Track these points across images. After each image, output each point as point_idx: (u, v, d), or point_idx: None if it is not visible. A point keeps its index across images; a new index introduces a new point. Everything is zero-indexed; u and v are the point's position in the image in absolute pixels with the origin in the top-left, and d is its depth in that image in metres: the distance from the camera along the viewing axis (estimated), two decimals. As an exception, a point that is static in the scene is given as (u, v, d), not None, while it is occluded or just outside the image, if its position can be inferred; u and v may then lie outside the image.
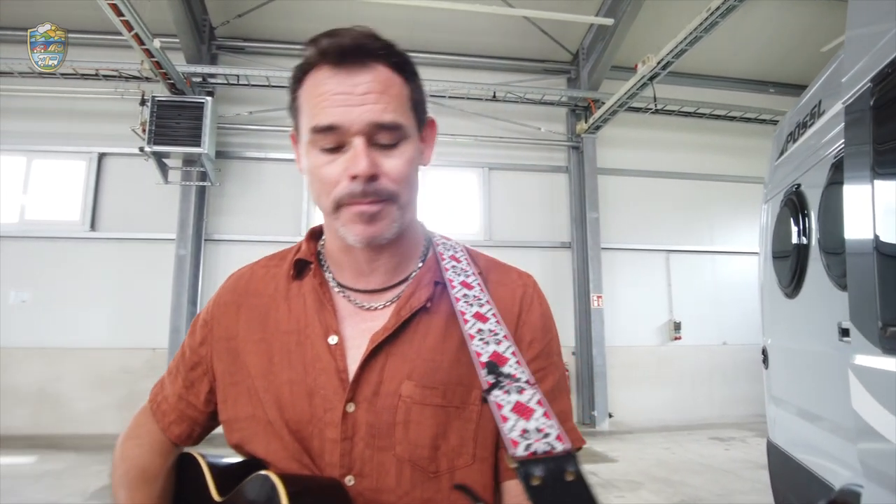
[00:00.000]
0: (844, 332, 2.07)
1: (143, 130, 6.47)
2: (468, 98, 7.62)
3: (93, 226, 7.06)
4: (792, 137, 2.80)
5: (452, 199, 7.91)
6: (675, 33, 5.65)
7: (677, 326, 7.85)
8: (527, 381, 0.67)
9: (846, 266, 1.86)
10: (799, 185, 2.65)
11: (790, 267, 2.67)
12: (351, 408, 0.75)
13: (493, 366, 0.69)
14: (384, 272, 0.84)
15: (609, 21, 6.68)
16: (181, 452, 0.91)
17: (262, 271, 0.92)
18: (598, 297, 7.53)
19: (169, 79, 6.45)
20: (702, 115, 7.96)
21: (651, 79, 6.24)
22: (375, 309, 0.82)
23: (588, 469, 4.33)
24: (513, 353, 0.71)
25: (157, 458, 0.89)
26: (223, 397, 0.85)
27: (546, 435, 0.61)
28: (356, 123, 0.73)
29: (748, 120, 7.92)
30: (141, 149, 6.47)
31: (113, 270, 6.96)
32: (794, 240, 2.63)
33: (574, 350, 7.72)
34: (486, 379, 0.67)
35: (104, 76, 6.86)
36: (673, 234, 8.13)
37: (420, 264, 0.87)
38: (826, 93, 2.39)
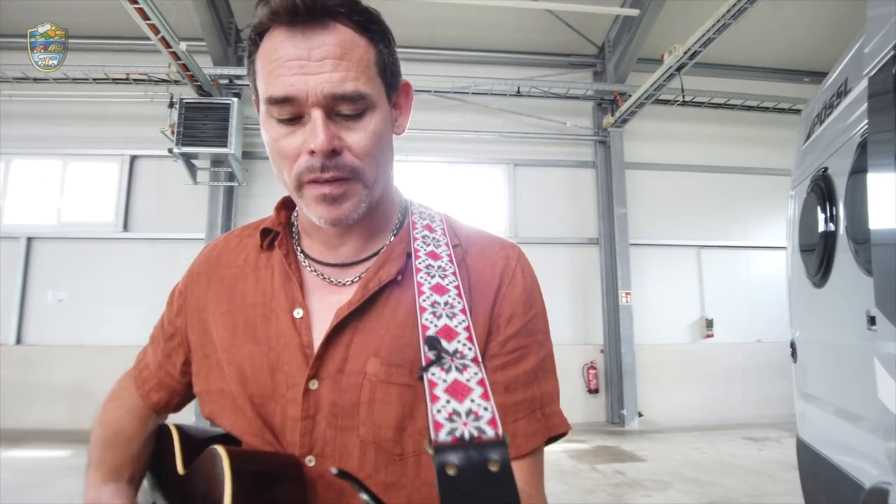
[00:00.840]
0: (872, 321, 1.96)
1: (172, 132, 6.60)
2: (492, 94, 7.57)
3: (125, 226, 7.24)
4: (819, 119, 2.68)
5: (478, 197, 7.86)
6: (702, 22, 5.50)
7: (709, 324, 7.65)
8: (473, 359, 0.59)
9: (871, 248, 1.76)
10: (826, 169, 2.53)
11: (818, 254, 2.55)
12: (314, 385, 0.72)
13: (436, 341, 0.60)
14: (354, 246, 0.80)
15: (635, 12, 6.55)
16: (162, 423, 0.90)
17: (235, 241, 0.89)
18: (627, 293, 7.39)
19: (196, 81, 6.57)
20: (733, 107, 7.74)
21: (678, 69, 6.08)
22: (344, 284, 0.78)
23: (615, 468, 4.24)
24: (466, 329, 0.63)
25: (135, 421, 0.87)
26: (197, 369, 0.83)
27: (477, 418, 0.53)
28: (313, 94, 0.67)
29: (782, 110, 7.67)
30: (170, 150, 6.60)
31: (145, 270, 7.11)
32: (822, 225, 2.51)
33: (602, 348, 7.59)
34: (427, 355, 0.59)
35: (134, 80, 7.02)
36: (704, 230, 7.92)
37: (392, 237, 0.81)
38: (852, 70, 2.27)
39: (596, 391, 7.47)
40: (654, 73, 6.38)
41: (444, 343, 0.60)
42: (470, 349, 0.60)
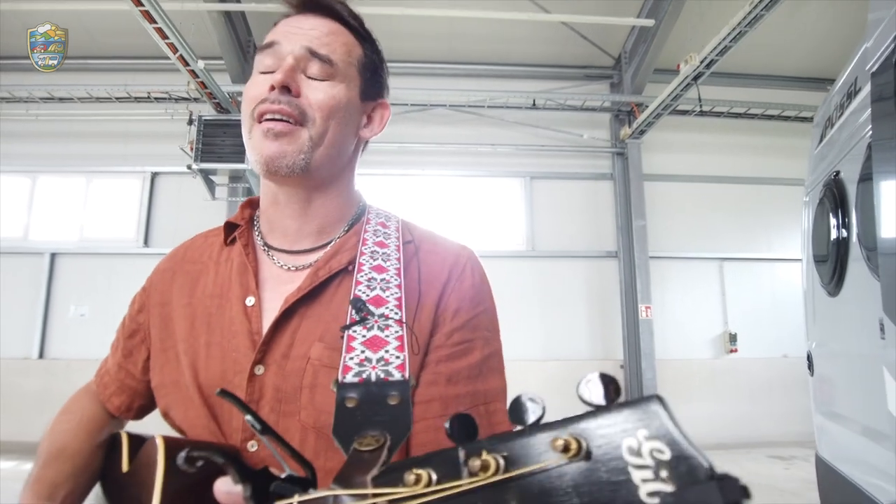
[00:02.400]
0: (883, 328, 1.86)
1: (191, 149, 6.71)
2: (508, 107, 7.56)
3: (146, 242, 7.35)
4: (830, 122, 2.59)
5: (494, 210, 7.82)
6: (718, 31, 5.42)
7: (733, 338, 7.44)
8: (397, 321, 0.62)
9: (879, 252, 1.67)
10: (838, 173, 2.43)
11: (831, 260, 2.46)
12: (259, 370, 0.72)
13: (362, 304, 0.64)
14: (310, 233, 0.82)
15: (650, 22, 6.49)
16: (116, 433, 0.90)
17: (202, 240, 0.92)
18: (647, 307, 7.24)
19: (214, 98, 6.68)
20: (753, 116, 7.59)
21: (695, 79, 5.99)
22: (298, 269, 0.80)
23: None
24: (397, 299, 0.66)
25: (82, 434, 0.85)
26: (154, 364, 0.83)
27: (387, 363, 0.55)
28: (293, 45, 0.76)
29: (804, 119, 7.49)
30: (189, 166, 6.71)
31: (164, 285, 7.18)
32: (834, 231, 2.42)
33: (622, 363, 7.43)
34: (352, 315, 0.63)
35: (156, 98, 7.18)
36: (726, 242, 7.75)
37: (347, 229, 0.83)
38: (860, 69, 2.19)
39: (616, 408, 7.30)
40: (670, 84, 6.30)
41: (371, 307, 0.64)
42: (396, 314, 0.64)
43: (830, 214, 2.46)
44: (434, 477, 0.30)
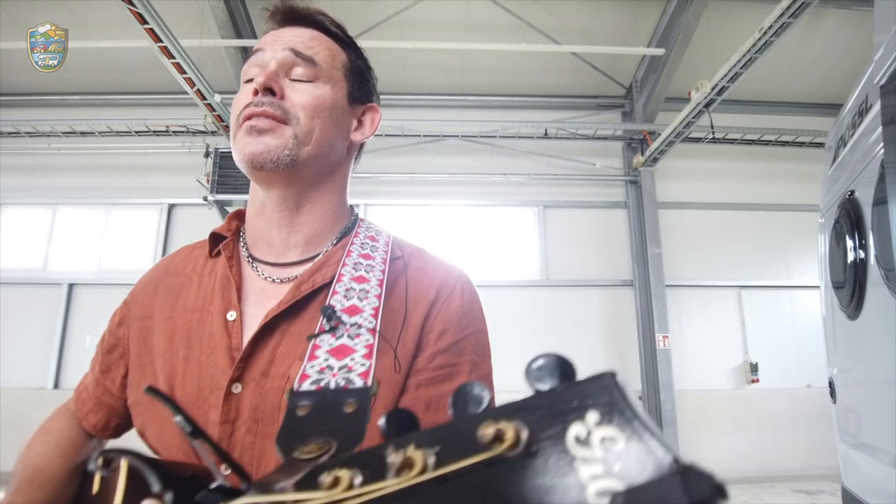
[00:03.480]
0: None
1: (208, 181, 6.81)
2: (519, 137, 7.59)
3: (162, 273, 7.40)
4: (843, 142, 2.55)
5: (507, 240, 7.79)
6: (728, 58, 5.43)
7: (754, 368, 7.26)
8: (370, 330, 0.57)
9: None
10: (852, 193, 2.39)
11: (849, 282, 2.39)
12: (237, 388, 0.68)
13: (332, 312, 0.59)
14: (297, 244, 0.79)
15: (660, 51, 6.53)
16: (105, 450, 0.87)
17: (186, 252, 0.89)
18: (665, 337, 7.11)
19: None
20: (767, 143, 7.54)
21: (707, 106, 5.98)
22: (283, 282, 0.76)
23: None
24: (374, 308, 0.61)
25: (58, 458, 0.82)
26: (131, 380, 0.80)
27: (349, 371, 0.51)
28: (275, 50, 0.77)
29: (819, 145, 7.43)
30: (204, 198, 6.80)
31: (179, 315, 7.22)
32: (851, 251, 2.36)
33: (640, 394, 7.27)
34: (321, 325, 0.58)
35: (174, 132, 7.32)
36: (744, 269, 7.63)
37: (335, 242, 0.80)
38: (870, 85, 2.17)
39: (635, 440, 7.11)
40: (682, 111, 6.30)
41: (344, 316, 0.59)
42: (371, 323, 0.59)
43: (847, 236, 2.40)
44: (358, 479, 0.26)
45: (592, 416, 0.24)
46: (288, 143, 0.73)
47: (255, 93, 0.74)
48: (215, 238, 0.85)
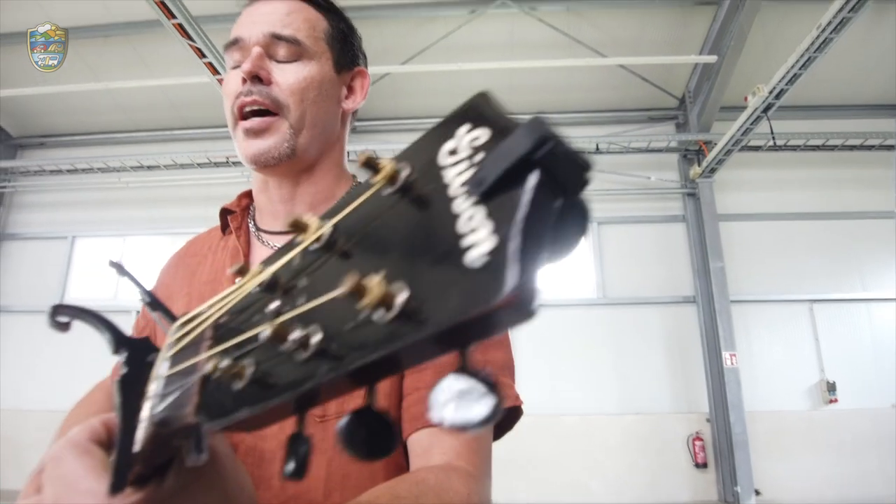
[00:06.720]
0: None
1: (264, 208, 7.03)
2: (570, 153, 7.50)
3: (223, 299, 7.65)
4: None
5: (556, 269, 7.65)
6: (785, 60, 5.24)
7: (831, 387, 6.80)
8: None
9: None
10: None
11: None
12: None
13: None
14: (301, 213, 0.82)
15: (713, 58, 6.36)
16: None
17: (204, 235, 0.99)
18: (732, 355, 6.76)
19: (285, 159, 7.02)
20: (832, 148, 7.18)
21: (765, 111, 5.77)
22: None
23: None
24: None
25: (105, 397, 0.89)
26: None
27: None
28: (254, 35, 0.77)
29: (890, 148, 7.03)
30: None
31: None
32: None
33: (708, 416, 6.92)
34: None
35: (233, 163, 7.63)
36: (815, 282, 7.21)
37: None
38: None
39: (704, 465, 6.76)
40: (738, 119, 6.09)
41: None
42: None
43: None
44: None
45: (464, 128, 0.24)
46: (285, 136, 0.76)
47: (244, 81, 0.76)
48: (224, 213, 0.93)
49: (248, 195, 0.97)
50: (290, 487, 0.64)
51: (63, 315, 0.41)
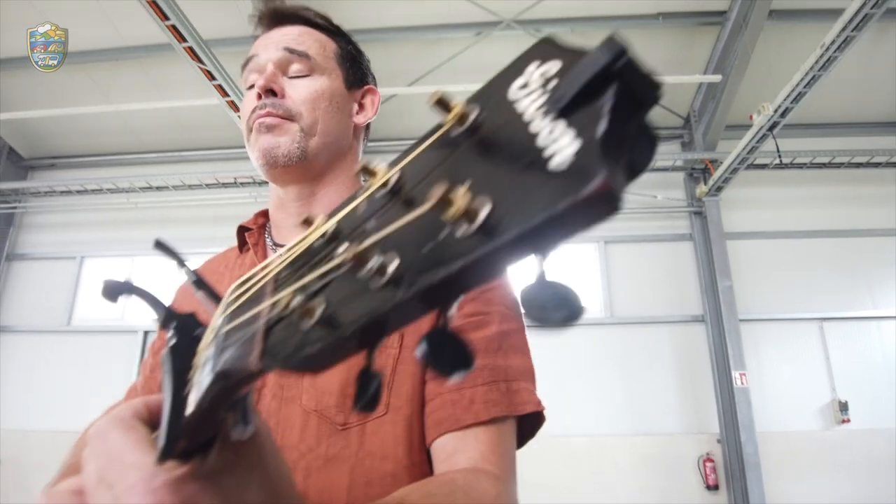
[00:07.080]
0: None
1: (272, 228, 7.07)
2: (576, 172, 7.53)
3: (230, 319, 7.66)
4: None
5: (569, 277, 7.61)
6: (790, 78, 5.28)
7: (843, 407, 6.70)
8: None
9: None
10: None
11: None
12: None
13: None
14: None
15: (717, 78, 6.41)
16: None
17: (221, 254, 1.01)
18: (742, 374, 6.70)
19: (293, 179, 7.08)
20: (839, 165, 7.18)
21: (771, 129, 5.79)
22: None
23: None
24: None
25: None
26: None
27: None
28: (269, 53, 0.82)
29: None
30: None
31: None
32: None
33: (719, 437, 6.83)
34: None
35: (241, 183, 7.69)
36: (824, 300, 7.16)
37: None
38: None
39: (716, 487, 6.65)
40: (744, 137, 6.12)
41: None
42: None
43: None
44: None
45: (533, 66, 0.24)
46: (296, 136, 0.79)
47: (259, 97, 0.80)
48: (242, 231, 0.95)
49: (264, 214, 0.99)
50: (314, 496, 0.64)
51: (114, 291, 0.45)
